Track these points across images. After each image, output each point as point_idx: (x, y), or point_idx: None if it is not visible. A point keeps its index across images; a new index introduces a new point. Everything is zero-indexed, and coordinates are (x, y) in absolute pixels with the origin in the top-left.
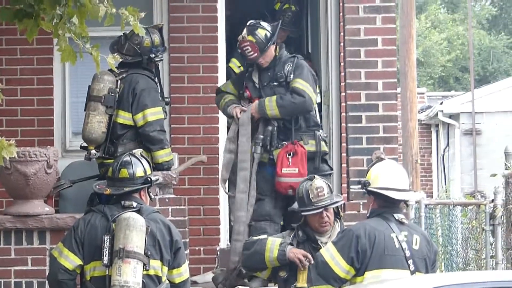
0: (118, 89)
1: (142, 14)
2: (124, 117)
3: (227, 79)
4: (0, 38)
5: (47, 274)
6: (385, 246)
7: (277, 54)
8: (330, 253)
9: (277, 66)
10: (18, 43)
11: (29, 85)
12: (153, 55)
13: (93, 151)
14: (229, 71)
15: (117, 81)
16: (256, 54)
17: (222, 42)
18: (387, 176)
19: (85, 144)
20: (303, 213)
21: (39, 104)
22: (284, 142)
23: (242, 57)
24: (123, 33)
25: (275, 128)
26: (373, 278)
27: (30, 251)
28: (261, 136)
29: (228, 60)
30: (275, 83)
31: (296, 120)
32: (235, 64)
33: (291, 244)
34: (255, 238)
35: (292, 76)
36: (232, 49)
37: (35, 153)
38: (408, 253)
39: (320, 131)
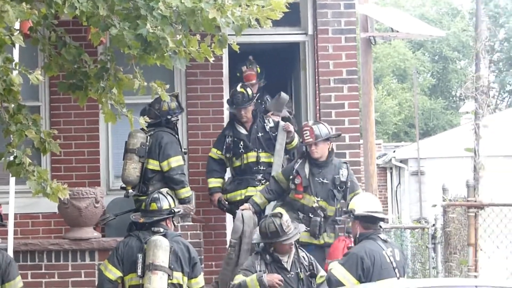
0: (148, 143)
1: (167, 86)
2: (153, 164)
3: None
4: (59, 105)
5: (96, 284)
6: (381, 262)
7: (329, 150)
8: (341, 273)
9: (330, 167)
10: (72, 108)
11: (81, 140)
12: (170, 116)
13: (130, 190)
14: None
15: (147, 137)
16: (312, 139)
17: (225, 107)
18: (367, 203)
19: (124, 185)
20: (283, 242)
21: (89, 155)
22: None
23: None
24: (148, 103)
25: (322, 219)
26: None
27: (83, 266)
28: None
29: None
30: (328, 182)
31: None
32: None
33: (263, 271)
34: (236, 283)
35: (349, 183)
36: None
37: (86, 192)
38: (394, 264)
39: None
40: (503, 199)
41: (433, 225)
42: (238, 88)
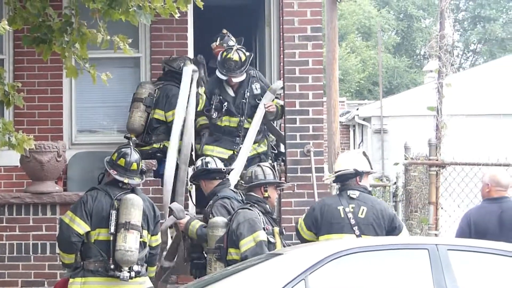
0: (155, 94)
1: (130, 40)
2: (158, 114)
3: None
4: (22, 58)
5: (56, 237)
6: (332, 215)
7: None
8: (300, 224)
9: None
10: (36, 62)
11: (44, 94)
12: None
13: (134, 138)
14: None
15: (155, 89)
16: None
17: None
18: (337, 163)
19: (128, 134)
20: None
21: (52, 109)
22: None
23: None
24: (164, 61)
25: None
26: (324, 240)
27: (44, 220)
28: None
29: None
30: None
31: None
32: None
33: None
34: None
35: None
36: None
37: (48, 146)
38: (353, 221)
39: None
40: (465, 158)
41: (395, 183)
42: (232, 55)
